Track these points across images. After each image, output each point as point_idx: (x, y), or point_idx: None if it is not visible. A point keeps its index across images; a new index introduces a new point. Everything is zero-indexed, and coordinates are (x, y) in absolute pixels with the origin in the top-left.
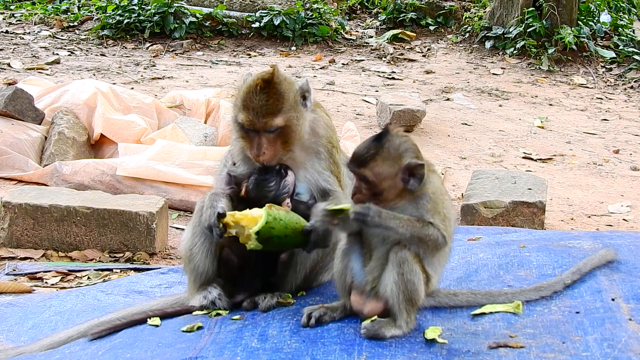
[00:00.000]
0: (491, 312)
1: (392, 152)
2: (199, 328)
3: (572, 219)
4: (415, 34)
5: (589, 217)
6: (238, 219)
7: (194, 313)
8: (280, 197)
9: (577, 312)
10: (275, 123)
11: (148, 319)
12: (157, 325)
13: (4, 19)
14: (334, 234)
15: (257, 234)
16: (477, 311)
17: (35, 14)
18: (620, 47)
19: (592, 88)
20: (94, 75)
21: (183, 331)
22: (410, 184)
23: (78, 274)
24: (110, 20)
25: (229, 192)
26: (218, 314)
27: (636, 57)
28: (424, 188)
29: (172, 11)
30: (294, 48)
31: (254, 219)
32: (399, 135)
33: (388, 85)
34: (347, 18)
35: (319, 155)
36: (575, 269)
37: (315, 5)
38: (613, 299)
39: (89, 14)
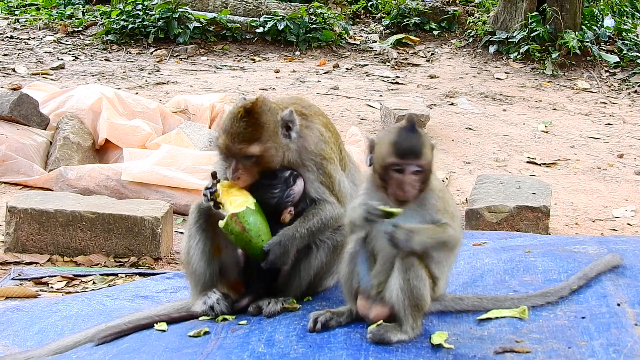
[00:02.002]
0: (497, 317)
1: (427, 142)
2: (206, 333)
3: (576, 224)
4: (419, 39)
5: (594, 221)
6: (221, 200)
7: (200, 318)
8: (282, 205)
9: (583, 317)
10: (250, 151)
11: (155, 324)
12: (164, 330)
13: (8, 24)
14: (292, 254)
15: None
16: (483, 316)
17: (39, 19)
18: (624, 52)
19: (596, 92)
20: (99, 80)
21: (190, 336)
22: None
23: (83, 279)
24: (115, 26)
25: None
26: (225, 319)
27: None
28: (431, 185)
29: (176, 16)
30: (298, 53)
31: (226, 210)
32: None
33: (392, 89)
34: (351, 23)
35: (307, 168)
36: (581, 274)
37: (319, 10)
38: (619, 304)
39: (94, 19)
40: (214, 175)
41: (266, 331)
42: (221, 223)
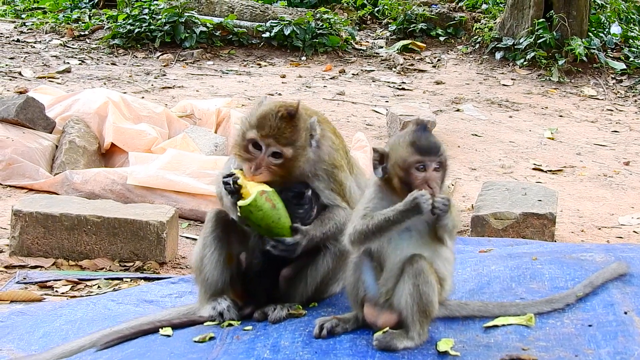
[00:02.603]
0: (504, 325)
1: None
2: (211, 339)
3: (582, 231)
4: (425, 45)
5: (599, 229)
6: (241, 184)
7: (205, 324)
8: (301, 223)
9: (590, 325)
10: (283, 152)
11: (160, 329)
12: (169, 335)
13: (15, 27)
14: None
15: (240, 207)
16: (490, 323)
17: (46, 22)
18: (631, 59)
19: (602, 99)
20: (105, 84)
21: (195, 341)
22: None
23: (88, 283)
24: (121, 30)
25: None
26: (230, 325)
27: None
28: None
29: (183, 21)
30: (304, 58)
31: (247, 193)
32: None
33: (398, 95)
34: (358, 28)
35: (318, 177)
36: (588, 282)
37: (325, 16)
38: (626, 312)
39: (100, 23)
40: (231, 175)
41: (272, 337)
42: (244, 202)
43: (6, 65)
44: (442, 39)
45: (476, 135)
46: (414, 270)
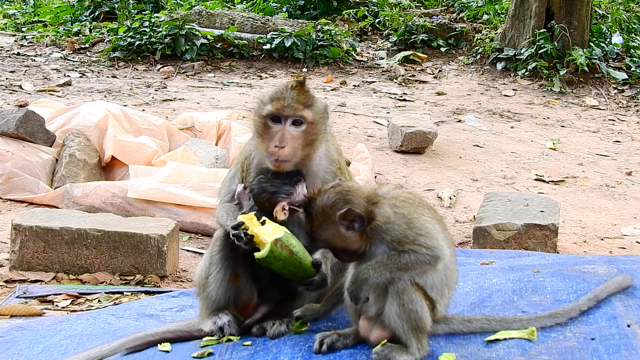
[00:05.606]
0: (505, 339)
1: (320, 215)
2: (210, 354)
3: (584, 242)
4: (426, 56)
5: (602, 239)
6: (252, 233)
7: (204, 339)
8: (274, 199)
9: (593, 339)
10: (304, 114)
11: (158, 344)
12: (167, 351)
13: (15, 41)
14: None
15: (258, 260)
16: (491, 337)
17: (46, 36)
18: (632, 69)
19: (604, 110)
20: (105, 97)
21: (194, 357)
22: (357, 227)
23: (89, 297)
24: (122, 42)
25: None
26: (229, 340)
27: None
28: (373, 224)
29: (184, 33)
30: (305, 70)
31: (262, 243)
32: (323, 192)
33: (399, 106)
34: (358, 40)
35: (325, 182)
36: (592, 296)
37: (326, 27)
38: (629, 325)
39: (101, 36)
40: (240, 224)
41: (271, 352)
42: (261, 254)
43: (6, 78)
44: (443, 49)
45: (478, 146)
46: (396, 291)
